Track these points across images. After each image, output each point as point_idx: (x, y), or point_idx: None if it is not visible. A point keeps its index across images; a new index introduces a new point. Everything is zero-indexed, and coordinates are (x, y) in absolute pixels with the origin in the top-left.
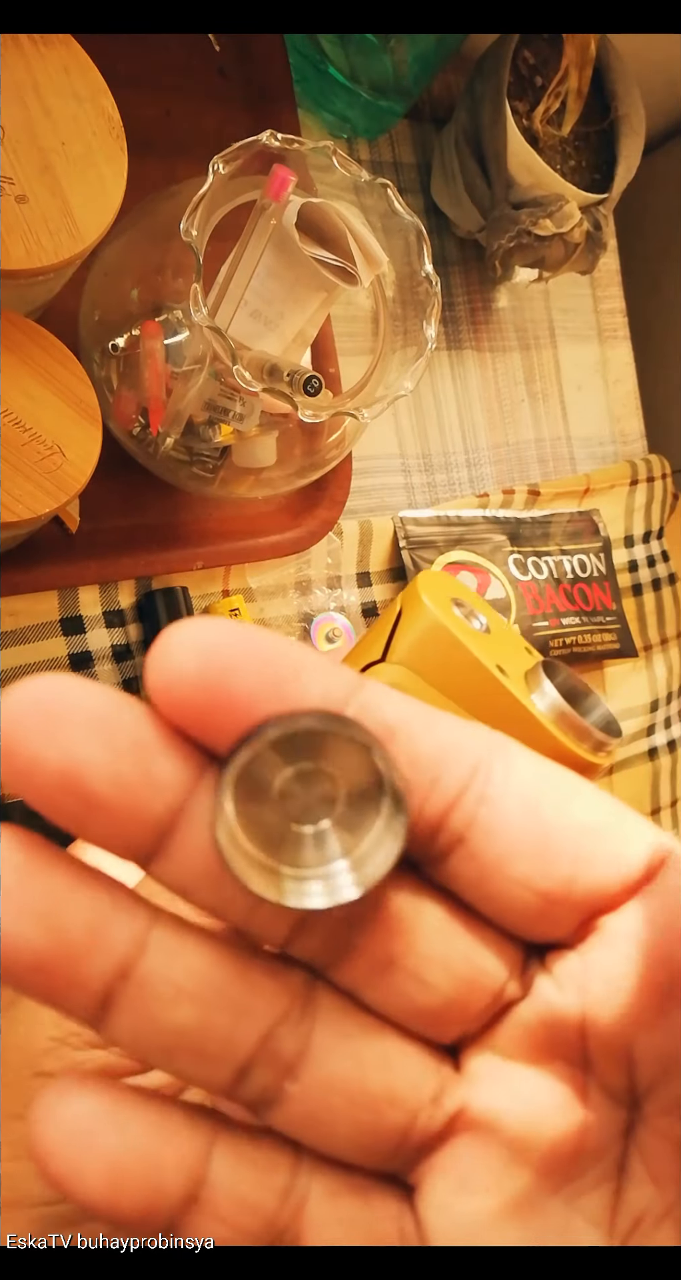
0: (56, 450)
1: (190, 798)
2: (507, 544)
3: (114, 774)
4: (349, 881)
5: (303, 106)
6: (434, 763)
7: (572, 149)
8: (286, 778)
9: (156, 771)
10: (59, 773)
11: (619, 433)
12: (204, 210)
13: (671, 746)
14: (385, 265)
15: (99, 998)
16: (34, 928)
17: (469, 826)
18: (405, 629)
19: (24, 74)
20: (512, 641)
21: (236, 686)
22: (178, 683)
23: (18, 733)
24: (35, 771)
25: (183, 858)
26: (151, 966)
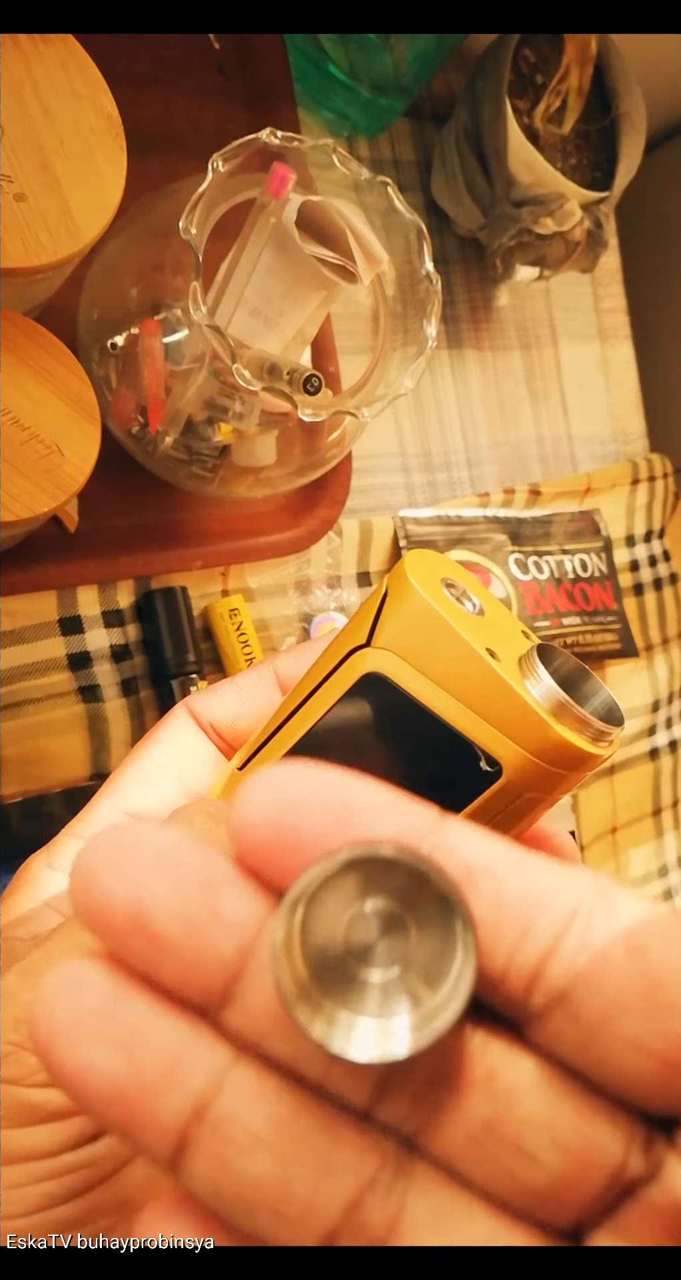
0: (55, 449)
1: (260, 939)
2: (508, 544)
3: (181, 912)
4: (405, 1036)
5: (302, 104)
6: (524, 908)
7: (573, 147)
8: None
9: (225, 910)
10: (128, 911)
11: (620, 432)
12: (203, 208)
13: (672, 747)
14: (385, 263)
15: (174, 1138)
16: (113, 1057)
17: (570, 980)
18: (390, 611)
19: (23, 72)
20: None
21: (303, 825)
22: (250, 826)
23: (91, 872)
24: (106, 911)
25: (253, 1003)
26: (228, 1109)
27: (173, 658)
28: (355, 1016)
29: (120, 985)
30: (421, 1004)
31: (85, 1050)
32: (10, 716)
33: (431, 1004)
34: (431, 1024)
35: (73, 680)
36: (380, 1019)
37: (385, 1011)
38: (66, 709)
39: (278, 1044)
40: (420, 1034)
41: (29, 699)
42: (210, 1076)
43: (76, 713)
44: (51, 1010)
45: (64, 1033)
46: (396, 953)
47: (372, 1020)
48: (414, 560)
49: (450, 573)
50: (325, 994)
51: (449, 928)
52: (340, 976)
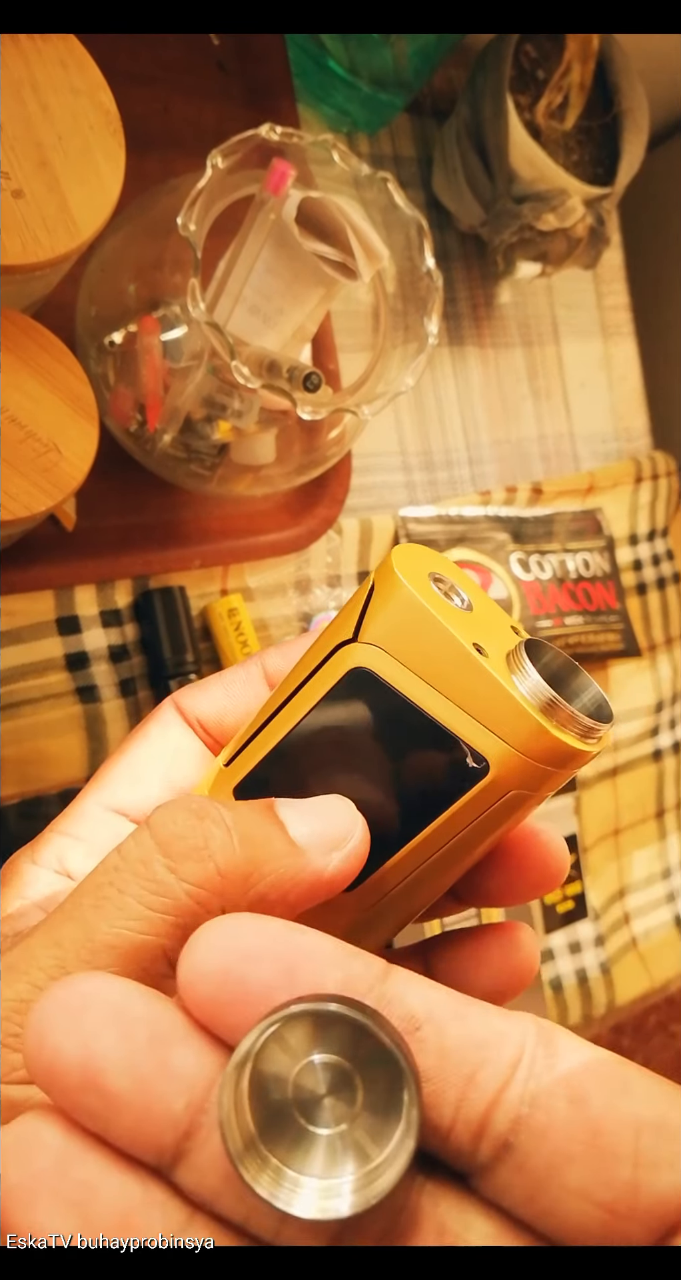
0: (53, 447)
1: (209, 1094)
2: (510, 542)
3: (131, 1068)
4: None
5: (302, 100)
6: (468, 1057)
7: (575, 143)
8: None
9: (175, 1064)
10: (79, 1067)
11: (623, 430)
12: (202, 205)
13: (676, 748)
14: (385, 260)
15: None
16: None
17: (514, 1130)
18: (377, 606)
19: (22, 69)
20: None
21: (250, 977)
22: (198, 978)
23: (43, 1025)
24: (58, 1067)
25: (204, 1160)
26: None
27: (171, 658)
28: (301, 1175)
29: (73, 1143)
30: (368, 1160)
31: (39, 1212)
32: (8, 717)
33: (377, 1160)
34: (375, 1183)
35: (70, 680)
36: (325, 1178)
37: (330, 1170)
38: (64, 709)
39: (230, 1203)
40: (362, 1194)
41: (26, 699)
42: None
43: (74, 713)
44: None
45: (18, 1193)
46: (341, 1109)
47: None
48: (401, 555)
49: (438, 567)
50: (273, 1149)
51: (395, 1081)
52: (288, 1130)
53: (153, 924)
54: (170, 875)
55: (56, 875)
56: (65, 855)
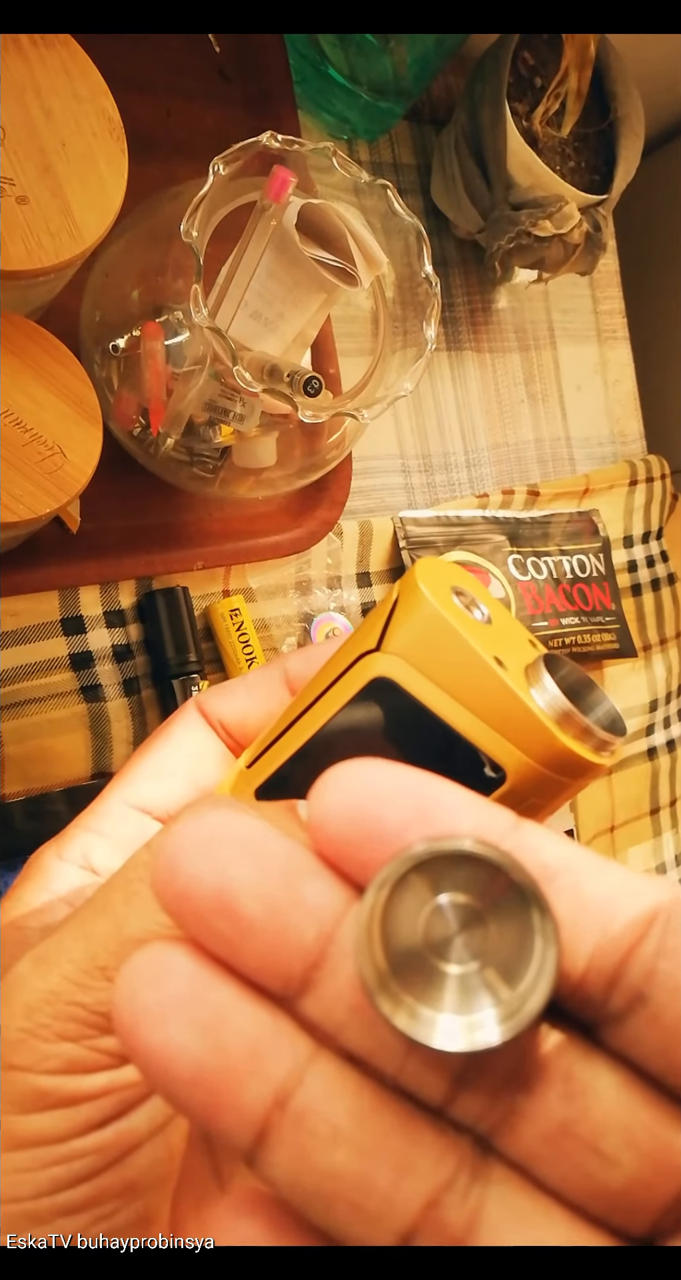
0: (57, 450)
1: (340, 927)
2: (507, 544)
3: (265, 896)
4: (491, 1028)
5: (302, 108)
6: (603, 909)
7: (572, 150)
8: (434, 910)
9: (307, 896)
10: (213, 893)
11: (618, 433)
12: (204, 211)
13: (670, 746)
14: (385, 266)
15: (255, 1127)
16: (196, 1040)
17: (648, 983)
18: (401, 617)
19: (24, 75)
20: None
21: (385, 818)
22: (329, 818)
23: (177, 854)
24: (192, 893)
25: (332, 991)
26: (309, 1101)
27: (174, 658)
28: (436, 1011)
29: (204, 970)
30: (501, 999)
31: (170, 1033)
32: (13, 716)
33: (513, 997)
34: (518, 1014)
35: (75, 680)
36: (461, 1014)
37: (465, 1007)
38: (68, 708)
39: (355, 1035)
40: (508, 1024)
41: (31, 698)
42: (292, 1067)
43: (78, 712)
44: (136, 992)
45: (149, 1015)
46: (474, 947)
47: (454, 1015)
48: (425, 568)
49: (460, 581)
50: (405, 988)
51: (527, 923)
52: (419, 970)
53: None
54: None
55: (81, 870)
56: (90, 851)
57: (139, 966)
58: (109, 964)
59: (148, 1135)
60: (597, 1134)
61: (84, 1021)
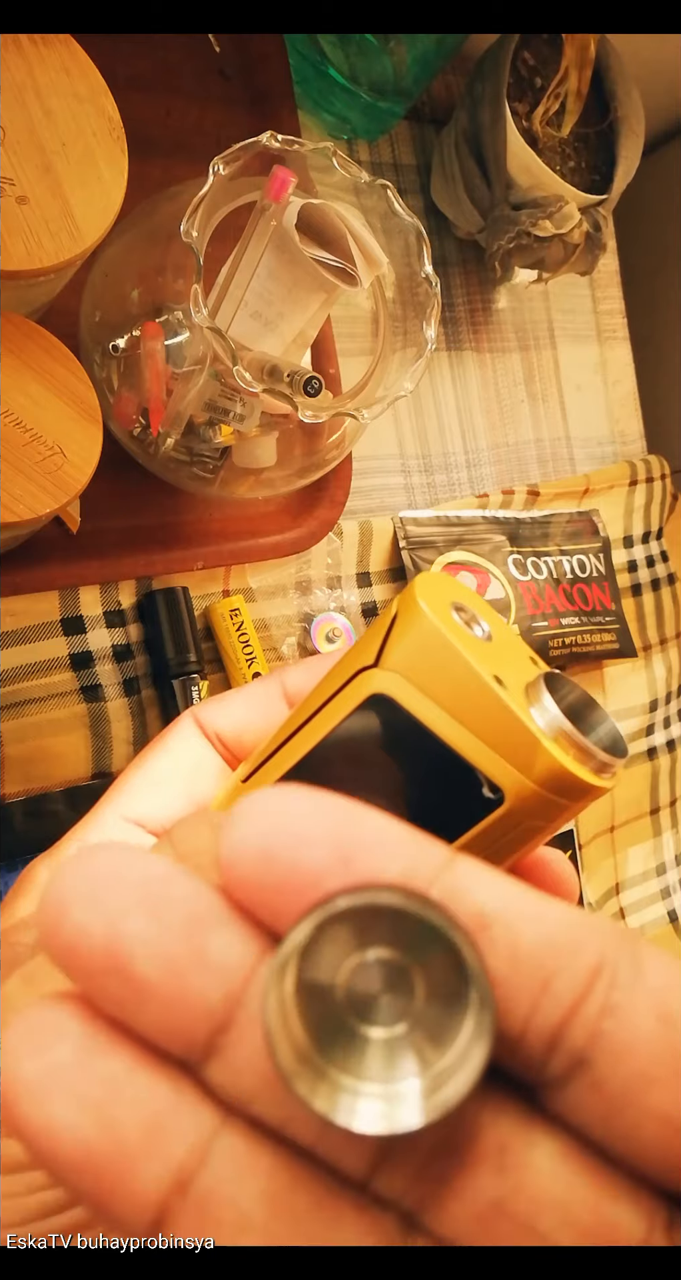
0: (57, 451)
1: (249, 986)
2: (507, 544)
3: (164, 953)
4: (415, 1105)
5: (303, 108)
6: (543, 962)
7: (572, 150)
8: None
9: (212, 952)
10: (103, 949)
11: (618, 433)
12: (204, 211)
13: (670, 746)
14: (385, 266)
15: (152, 1213)
16: (83, 1116)
17: (592, 1045)
18: (399, 633)
19: (24, 75)
20: (516, 650)
21: (302, 859)
22: (241, 856)
23: (63, 903)
24: (80, 949)
25: (241, 1059)
26: (214, 1182)
27: (174, 657)
28: (359, 1082)
29: (95, 1034)
30: (430, 1066)
31: (55, 1109)
32: (12, 716)
33: (440, 1066)
34: (443, 1090)
35: (75, 680)
36: (386, 1084)
37: (391, 1076)
38: (68, 708)
39: (267, 1106)
40: (432, 1102)
41: (31, 698)
42: (194, 1144)
43: (78, 712)
44: (18, 1062)
45: (30, 1087)
46: (401, 1008)
47: (378, 1086)
48: (424, 583)
49: (461, 596)
50: (325, 1056)
51: (459, 981)
52: (340, 1035)
53: None
54: None
55: None
56: None
57: (21, 1030)
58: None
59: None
60: (533, 1212)
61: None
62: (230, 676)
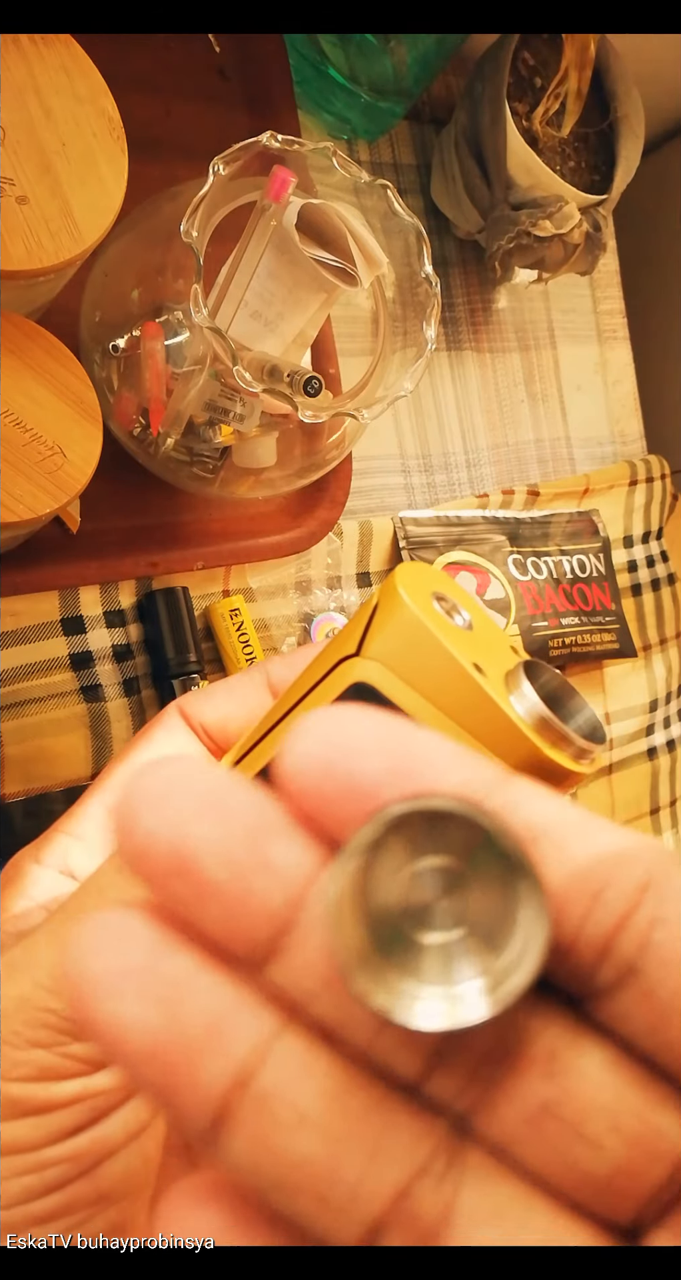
0: (57, 450)
1: (311, 890)
2: (507, 544)
3: (227, 857)
4: (476, 1002)
5: (302, 108)
6: (594, 874)
7: (572, 150)
8: (412, 875)
9: (274, 857)
10: (169, 851)
11: (618, 433)
12: (204, 211)
13: (670, 746)
14: (385, 266)
15: (214, 1107)
16: (152, 1013)
17: (642, 955)
18: (380, 622)
19: (24, 75)
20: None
21: (360, 771)
22: (301, 770)
23: (133, 811)
24: (149, 852)
25: (303, 960)
26: (272, 1081)
27: (174, 657)
28: (417, 984)
29: (163, 938)
30: (486, 968)
31: (124, 1005)
32: (12, 716)
33: (498, 967)
34: (503, 987)
35: (75, 680)
36: (444, 986)
37: (448, 977)
38: (68, 708)
39: (326, 1007)
40: (493, 997)
41: (31, 698)
42: (255, 1043)
43: (78, 712)
44: (89, 962)
45: (102, 985)
46: (457, 913)
47: (436, 988)
48: (405, 573)
49: (441, 586)
50: (383, 958)
51: (512, 889)
52: (397, 939)
53: None
54: None
55: (60, 875)
56: (68, 855)
57: (92, 931)
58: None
59: (122, 1143)
60: (581, 1117)
61: (55, 1028)
62: (222, 679)
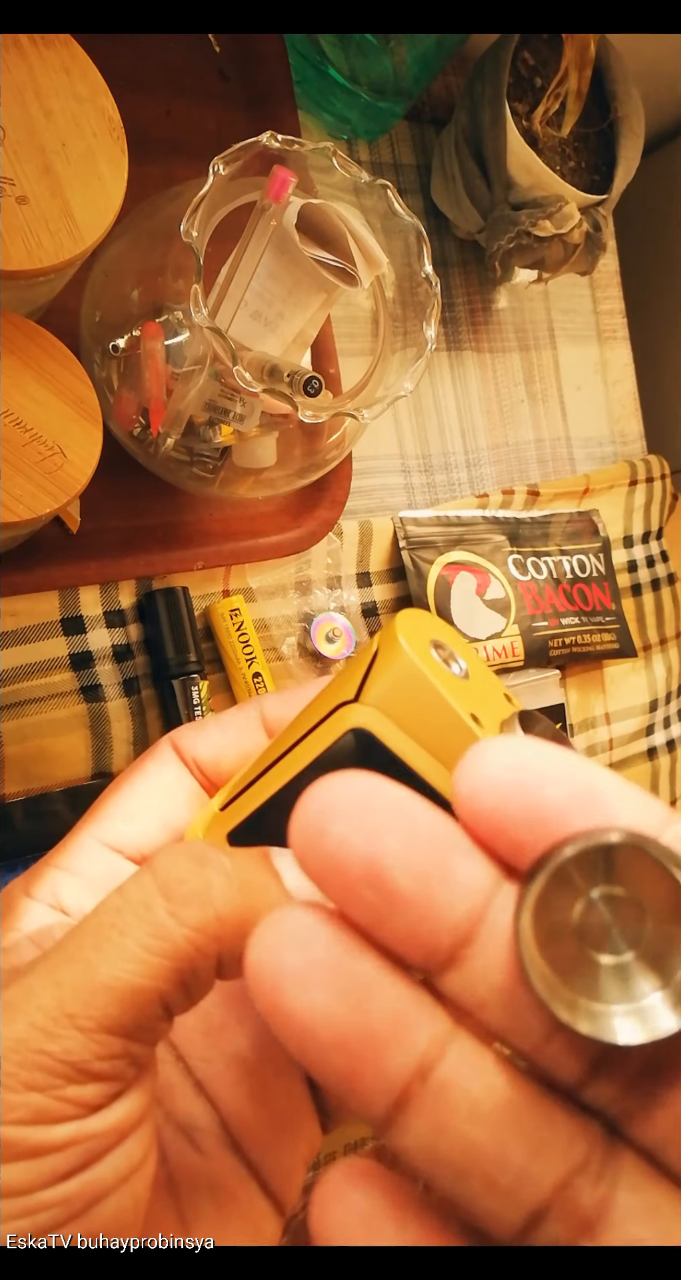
0: (57, 451)
1: (489, 906)
2: (507, 544)
3: (416, 869)
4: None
5: (303, 108)
6: None
7: (572, 150)
8: (590, 901)
9: (458, 873)
10: (363, 861)
11: (618, 433)
12: (204, 211)
13: (670, 746)
14: (385, 266)
15: (395, 1094)
16: (341, 1005)
17: None
18: (379, 670)
19: (25, 75)
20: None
21: (547, 799)
22: (486, 790)
23: (328, 817)
24: (340, 861)
25: (479, 970)
26: (451, 1074)
27: (174, 657)
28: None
29: (348, 939)
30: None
31: (315, 997)
32: (12, 716)
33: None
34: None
35: (75, 680)
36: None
37: (628, 997)
38: (69, 708)
39: (495, 1013)
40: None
41: (31, 698)
42: (434, 1040)
43: (78, 712)
44: (280, 955)
45: (294, 978)
46: (629, 937)
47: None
48: (405, 620)
49: (439, 634)
50: (566, 982)
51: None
52: (576, 962)
53: (151, 968)
54: (171, 919)
55: (50, 909)
56: (60, 889)
57: (278, 927)
58: (77, 1012)
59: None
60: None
61: (51, 1071)
62: (230, 676)
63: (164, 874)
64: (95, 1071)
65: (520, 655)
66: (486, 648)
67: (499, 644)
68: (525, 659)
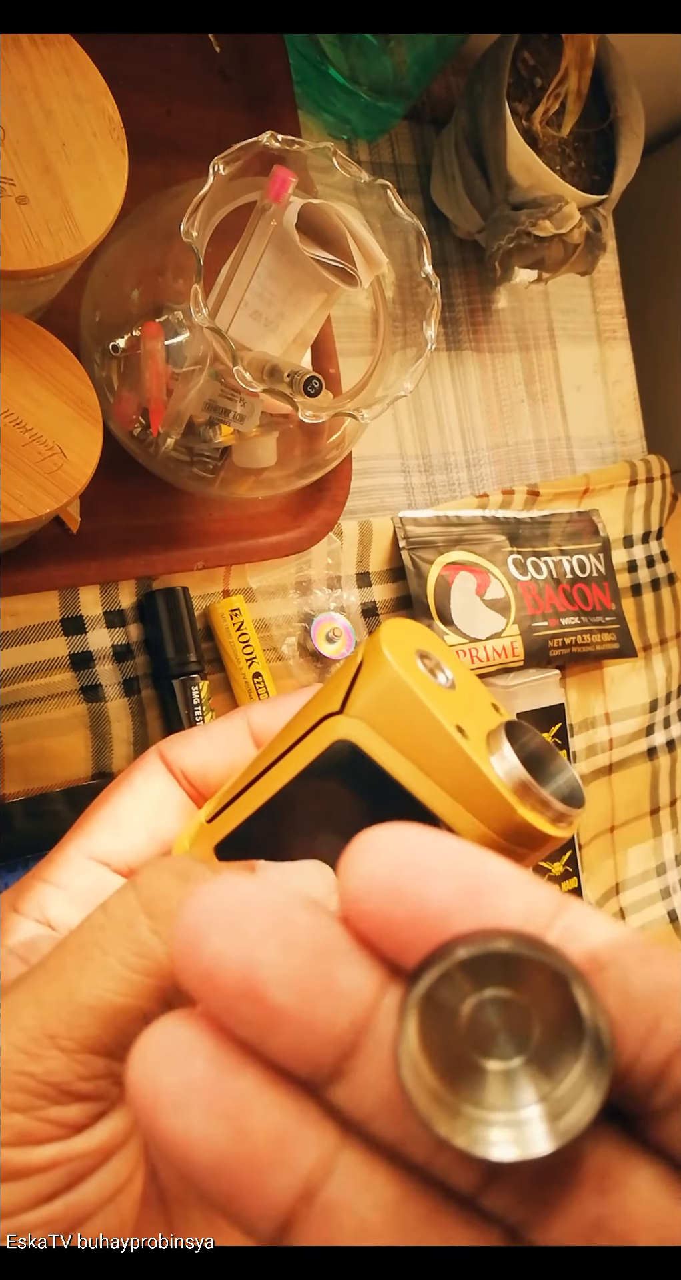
0: (57, 451)
1: (375, 1014)
2: (507, 544)
3: (294, 981)
4: (542, 1132)
5: (303, 108)
6: (652, 1004)
7: (572, 150)
8: (476, 1005)
9: (340, 982)
10: (239, 975)
11: (618, 433)
12: (204, 211)
13: (670, 746)
14: (385, 266)
15: (279, 1218)
16: (219, 1128)
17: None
18: (364, 681)
19: (25, 75)
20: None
21: (430, 897)
22: (367, 891)
23: (203, 928)
24: (216, 974)
25: (366, 1081)
26: (337, 1194)
27: (174, 657)
28: (484, 1112)
29: (228, 1055)
30: (548, 1095)
31: (192, 1120)
32: (13, 716)
33: (558, 1095)
34: (565, 1117)
35: (75, 680)
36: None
37: (511, 1104)
38: (69, 708)
39: (385, 1125)
40: (556, 1128)
41: (31, 698)
42: (319, 1157)
43: (79, 712)
44: (156, 1076)
45: (170, 1100)
46: (518, 1041)
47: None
48: (390, 630)
49: (425, 643)
50: (449, 1088)
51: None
52: (462, 1068)
53: (133, 986)
54: (154, 937)
55: (36, 924)
56: (46, 904)
57: (156, 1043)
58: (59, 1032)
59: (99, 1206)
60: (632, 1232)
61: (34, 1092)
62: (230, 676)
63: (147, 891)
64: (78, 1092)
65: (520, 655)
66: (486, 648)
67: (499, 644)
68: (525, 659)
